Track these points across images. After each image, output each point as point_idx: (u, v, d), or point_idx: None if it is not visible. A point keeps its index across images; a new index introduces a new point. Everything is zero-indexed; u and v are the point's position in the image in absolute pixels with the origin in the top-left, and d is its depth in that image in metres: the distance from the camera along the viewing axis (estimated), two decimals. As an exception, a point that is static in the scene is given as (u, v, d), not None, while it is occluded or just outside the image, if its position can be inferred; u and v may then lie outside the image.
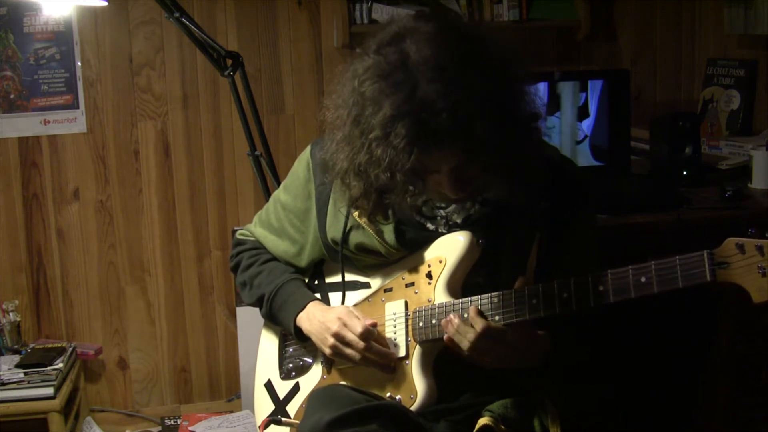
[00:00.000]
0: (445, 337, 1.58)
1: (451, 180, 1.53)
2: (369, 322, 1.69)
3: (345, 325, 1.69)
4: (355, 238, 1.73)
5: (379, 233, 1.70)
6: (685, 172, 2.73)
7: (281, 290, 1.83)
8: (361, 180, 1.56)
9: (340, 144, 1.58)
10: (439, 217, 1.70)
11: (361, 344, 1.67)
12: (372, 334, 1.68)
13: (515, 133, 1.51)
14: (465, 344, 1.55)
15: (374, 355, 1.68)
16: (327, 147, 1.64)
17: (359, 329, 1.67)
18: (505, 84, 1.51)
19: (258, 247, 1.94)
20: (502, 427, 1.60)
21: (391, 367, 1.69)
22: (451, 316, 1.58)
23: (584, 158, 2.81)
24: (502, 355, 1.56)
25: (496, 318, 1.57)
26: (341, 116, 1.56)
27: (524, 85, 1.56)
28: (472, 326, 1.55)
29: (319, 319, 1.74)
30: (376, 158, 1.49)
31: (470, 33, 1.54)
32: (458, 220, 1.69)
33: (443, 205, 1.69)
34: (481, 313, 1.56)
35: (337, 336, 1.69)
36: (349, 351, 1.69)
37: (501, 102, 1.48)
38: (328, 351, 1.72)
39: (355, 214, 1.71)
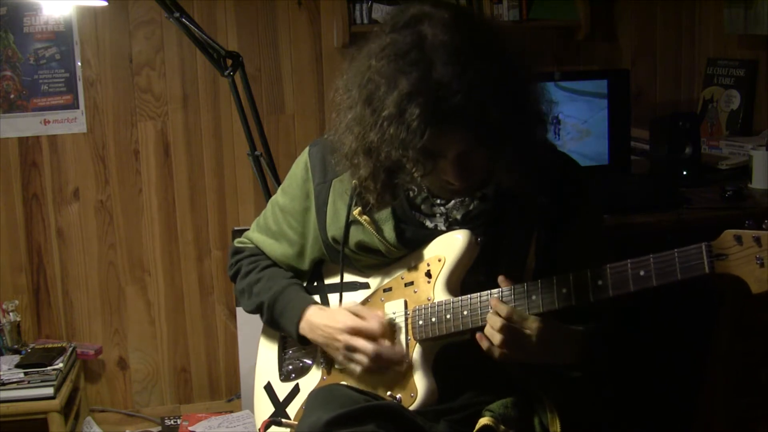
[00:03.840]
0: (478, 335, 1.58)
1: (457, 166, 1.54)
2: (381, 317, 1.70)
3: (354, 332, 1.69)
4: (355, 236, 1.73)
5: (379, 231, 1.71)
6: (685, 172, 2.72)
7: (280, 298, 1.82)
8: (370, 159, 1.57)
9: (351, 124, 1.58)
10: (438, 214, 1.71)
11: (371, 349, 1.67)
12: (386, 329, 1.69)
13: (525, 123, 1.53)
14: (496, 337, 1.54)
15: (386, 357, 1.68)
16: (336, 128, 1.64)
17: (377, 329, 1.68)
18: (518, 75, 1.53)
19: (256, 253, 1.92)
20: (502, 427, 1.60)
21: (404, 360, 1.68)
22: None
23: (582, 158, 2.80)
24: (529, 346, 1.55)
25: None
26: (353, 96, 1.57)
27: (535, 79, 1.59)
28: (497, 314, 1.55)
29: (324, 330, 1.74)
30: (389, 136, 1.49)
31: (486, 23, 1.58)
32: (458, 216, 1.69)
33: (442, 201, 1.70)
34: (501, 301, 1.57)
35: (348, 347, 1.69)
36: (359, 357, 1.69)
37: (513, 91, 1.51)
38: (340, 359, 1.73)
39: (356, 212, 1.71)
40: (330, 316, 1.75)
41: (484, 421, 1.60)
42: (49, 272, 3.22)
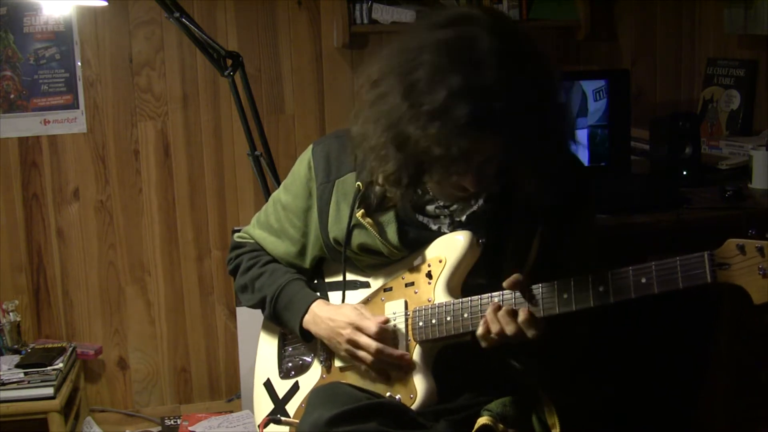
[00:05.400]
0: (479, 332, 1.57)
1: (478, 171, 1.53)
2: (381, 319, 1.69)
3: (357, 328, 1.69)
4: (357, 238, 1.73)
5: (382, 233, 1.71)
6: (685, 172, 2.72)
7: (284, 291, 1.82)
8: (401, 152, 1.53)
9: (382, 114, 1.54)
10: (443, 216, 1.71)
11: (374, 346, 1.67)
12: (386, 333, 1.68)
13: (560, 133, 1.56)
14: (510, 329, 1.54)
15: (386, 356, 1.68)
16: (362, 117, 1.60)
17: (373, 329, 1.67)
18: (558, 84, 1.54)
19: (257, 249, 1.92)
20: (501, 426, 1.60)
21: (407, 366, 1.68)
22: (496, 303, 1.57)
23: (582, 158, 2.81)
24: (521, 341, 1.56)
25: None
26: (389, 85, 1.53)
27: (567, 88, 1.60)
28: (513, 319, 1.54)
29: (328, 323, 1.74)
30: (431, 133, 1.46)
31: (525, 33, 1.56)
32: (462, 218, 1.69)
33: (447, 203, 1.70)
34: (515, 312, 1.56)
35: (351, 342, 1.70)
36: (362, 354, 1.69)
37: (556, 100, 1.52)
38: (342, 354, 1.74)
39: (359, 214, 1.71)
40: (335, 310, 1.76)
41: (483, 420, 1.61)
42: (49, 272, 3.22)
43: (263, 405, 1.90)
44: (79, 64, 3.13)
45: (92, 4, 2.94)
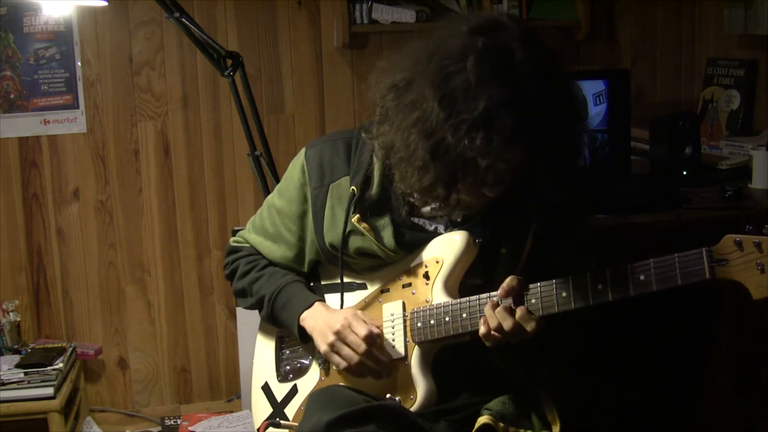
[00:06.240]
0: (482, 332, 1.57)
1: (506, 180, 1.53)
2: (375, 330, 1.69)
3: (349, 325, 1.68)
4: (354, 243, 1.72)
5: (378, 238, 1.70)
6: (685, 172, 2.72)
7: (284, 291, 1.81)
8: (436, 161, 1.50)
9: (414, 122, 1.50)
10: (439, 217, 1.71)
11: (362, 347, 1.66)
12: (375, 341, 1.68)
13: (580, 135, 1.57)
14: (508, 324, 1.54)
15: (371, 361, 1.67)
16: (389, 123, 1.57)
17: (364, 332, 1.66)
18: (577, 88, 1.56)
19: (254, 253, 1.91)
20: (501, 424, 1.60)
21: (384, 375, 1.68)
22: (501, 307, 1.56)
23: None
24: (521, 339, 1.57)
25: None
26: (423, 92, 1.49)
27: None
28: (510, 315, 1.54)
29: (324, 318, 1.73)
30: (476, 144, 1.44)
31: (546, 44, 1.55)
32: (458, 218, 1.69)
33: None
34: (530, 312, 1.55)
35: (339, 334, 1.68)
36: (346, 351, 1.68)
37: (580, 105, 1.55)
38: (324, 348, 1.70)
39: (354, 219, 1.70)
40: (334, 310, 1.75)
41: (483, 419, 1.61)
42: (49, 272, 3.22)
43: (262, 409, 1.90)
44: (79, 64, 3.13)
45: (92, 4, 2.95)
